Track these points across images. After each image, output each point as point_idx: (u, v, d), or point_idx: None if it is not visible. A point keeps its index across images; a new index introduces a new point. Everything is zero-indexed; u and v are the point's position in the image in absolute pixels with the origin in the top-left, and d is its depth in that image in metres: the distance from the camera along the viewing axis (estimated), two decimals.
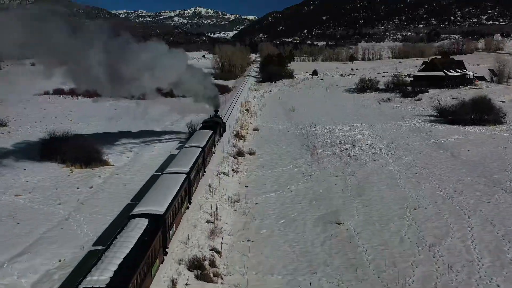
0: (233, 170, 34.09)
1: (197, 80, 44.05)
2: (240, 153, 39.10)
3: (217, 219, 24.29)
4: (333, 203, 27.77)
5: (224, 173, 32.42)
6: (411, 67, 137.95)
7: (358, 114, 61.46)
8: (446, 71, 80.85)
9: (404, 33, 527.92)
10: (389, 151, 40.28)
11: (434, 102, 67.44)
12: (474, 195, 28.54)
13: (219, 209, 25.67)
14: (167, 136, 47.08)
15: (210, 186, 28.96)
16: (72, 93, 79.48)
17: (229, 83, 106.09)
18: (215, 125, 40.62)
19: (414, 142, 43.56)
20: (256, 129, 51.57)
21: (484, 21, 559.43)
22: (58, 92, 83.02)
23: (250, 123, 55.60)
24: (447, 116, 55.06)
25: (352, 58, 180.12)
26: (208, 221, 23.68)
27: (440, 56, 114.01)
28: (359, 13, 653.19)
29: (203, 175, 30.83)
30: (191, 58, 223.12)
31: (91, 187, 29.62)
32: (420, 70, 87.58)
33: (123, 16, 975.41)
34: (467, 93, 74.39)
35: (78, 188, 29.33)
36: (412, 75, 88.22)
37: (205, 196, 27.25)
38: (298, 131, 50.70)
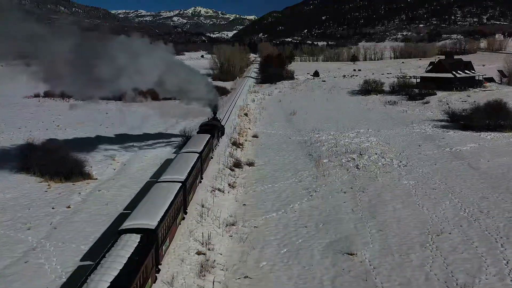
0: (229, 185, 30.61)
1: (188, 79, 40.48)
2: (237, 164, 35.64)
3: (209, 249, 20.81)
4: (343, 226, 24.28)
5: (219, 189, 28.96)
6: (414, 68, 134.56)
7: (363, 119, 57.97)
8: (454, 73, 77.28)
9: (404, 33, 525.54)
10: (400, 161, 36.79)
11: (443, 106, 64.07)
12: (503, 216, 25.06)
13: (212, 236, 22.18)
14: (160, 143, 43.73)
15: (202, 207, 25.51)
16: (63, 95, 76.05)
17: (228, 84, 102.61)
18: (213, 128, 38.57)
19: (427, 151, 40.08)
20: (255, 136, 48.06)
21: (485, 21, 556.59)
22: (49, 94, 79.47)
23: (249, 128, 52.13)
24: (458, 120, 51.69)
25: (354, 59, 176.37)
26: (198, 253, 20.22)
27: (444, 57, 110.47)
28: (359, 13, 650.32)
29: (200, 181, 28.72)
30: (189, 58, 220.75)
31: (69, 207, 26.14)
32: (427, 71, 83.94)
33: (122, 16, 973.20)
34: (477, 96, 70.91)
35: (53, 208, 25.87)
36: (418, 77, 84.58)
37: (196, 219, 23.78)
38: (301, 138, 47.24)
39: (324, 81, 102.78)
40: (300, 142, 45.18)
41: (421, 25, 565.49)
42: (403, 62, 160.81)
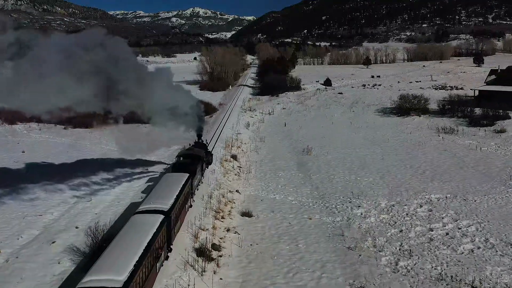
0: None
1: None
2: None
3: None
4: None
5: None
6: (443, 73, 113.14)
7: (422, 166, 36.30)
8: None
9: (408, 33, 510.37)
10: None
11: None
12: None
13: None
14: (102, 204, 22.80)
15: None
16: None
17: (216, 97, 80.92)
18: (195, 160, 27.03)
19: None
20: (246, 214, 26.38)
21: (490, 20, 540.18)
22: None
23: (237, 191, 30.51)
24: None
25: (367, 62, 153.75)
26: None
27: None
28: (360, 13, 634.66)
29: (166, 258, 17.53)
30: (181, 61, 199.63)
31: None
32: (488, 83, 62.35)
33: (120, 17, 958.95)
34: None
35: None
36: (477, 90, 62.39)
37: None
38: (330, 219, 25.68)
39: (341, 93, 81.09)
40: (331, 235, 23.57)
41: (425, 25, 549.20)
42: (424, 66, 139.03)
